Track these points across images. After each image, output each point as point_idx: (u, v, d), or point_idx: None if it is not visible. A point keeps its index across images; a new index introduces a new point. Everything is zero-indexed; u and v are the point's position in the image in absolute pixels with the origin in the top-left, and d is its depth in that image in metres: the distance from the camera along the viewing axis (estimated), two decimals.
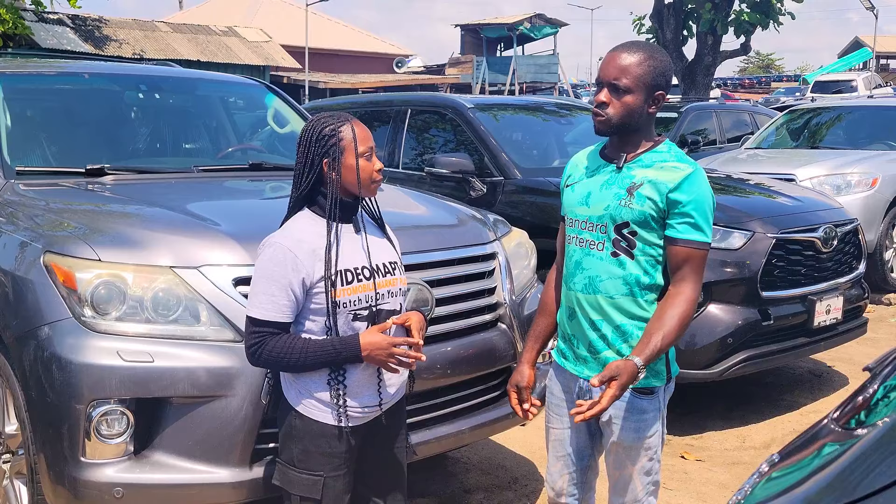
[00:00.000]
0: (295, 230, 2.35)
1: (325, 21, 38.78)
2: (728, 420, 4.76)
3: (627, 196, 2.31)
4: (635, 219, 2.30)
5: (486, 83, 35.43)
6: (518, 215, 5.06)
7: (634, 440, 2.40)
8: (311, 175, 2.36)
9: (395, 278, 2.44)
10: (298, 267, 2.28)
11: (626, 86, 2.29)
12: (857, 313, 5.22)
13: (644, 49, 2.34)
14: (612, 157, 2.41)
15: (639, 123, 2.34)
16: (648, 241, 2.31)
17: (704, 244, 2.30)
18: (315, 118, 2.43)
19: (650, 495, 2.48)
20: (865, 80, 29.51)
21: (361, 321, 2.35)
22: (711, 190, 2.34)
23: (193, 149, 4.66)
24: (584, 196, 2.41)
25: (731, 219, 4.68)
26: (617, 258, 2.33)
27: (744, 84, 46.91)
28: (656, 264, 2.33)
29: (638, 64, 2.30)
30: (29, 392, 2.69)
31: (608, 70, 2.32)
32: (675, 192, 2.27)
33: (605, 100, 2.32)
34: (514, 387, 2.59)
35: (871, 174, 7.73)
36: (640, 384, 2.34)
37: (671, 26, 18.52)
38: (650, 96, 2.32)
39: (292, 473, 2.38)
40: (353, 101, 8.00)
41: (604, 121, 2.34)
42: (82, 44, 22.42)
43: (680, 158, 2.35)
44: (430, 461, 3.65)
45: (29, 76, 4.40)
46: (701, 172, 2.32)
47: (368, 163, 2.38)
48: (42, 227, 3.02)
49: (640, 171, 2.33)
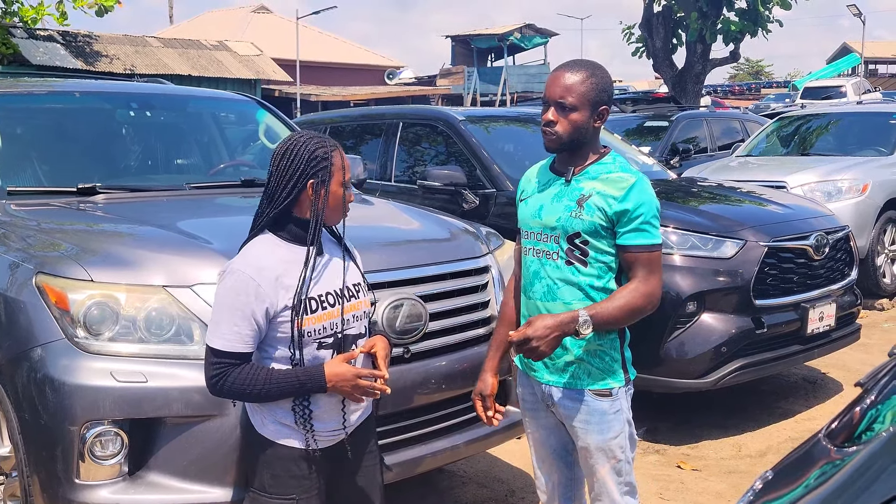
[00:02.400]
0: (257, 256, 2.28)
1: (315, 34, 38.85)
2: (723, 429, 4.76)
3: (577, 208, 2.41)
4: (586, 229, 2.39)
5: (477, 94, 35.50)
6: (510, 227, 5.00)
7: (600, 441, 2.46)
8: (292, 193, 2.29)
9: (359, 301, 2.42)
10: (262, 296, 2.21)
11: (571, 104, 2.40)
12: (850, 320, 5.24)
13: (586, 67, 2.45)
14: (562, 170, 2.51)
15: (585, 138, 2.44)
16: (600, 249, 2.41)
17: (654, 246, 2.40)
18: (303, 136, 2.36)
19: (626, 495, 2.53)
20: (854, 86, 29.65)
21: (327, 349, 2.32)
22: (654, 194, 2.43)
23: (185, 166, 4.65)
24: (536, 209, 2.51)
25: (722, 228, 4.69)
26: (571, 266, 2.42)
27: (734, 91, 47.09)
28: (609, 271, 2.43)
29: (581, 82, 2.40)
30: (22, 414, 2.67)
31: (553, 90, 2.42)
32: (623, 202, 2.37)
33: (553, 118, 2.42)
34: (479, 395, 2.67)
35: (861, 180, 7.76)
36: (598, 385, 2.44)
37: (660, 35, 18.61)
38: (595, 112, 2.42)
39: (264, 499, 2.34)
40: (345, 114, 8.01)
41: (553, 139, 2.44)
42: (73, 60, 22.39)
43: (624, 169, 2.44)
44: (426, 476, 3.64)
45: (19, 96, 4.39)
46: (645, 180, 2.42)
47: (348, 191, 2.40)
48: (34, 247, 3.01)
49: (588, 182, 2.43)
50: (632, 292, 2.37)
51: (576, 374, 2.46)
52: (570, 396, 2.47)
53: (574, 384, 2.46)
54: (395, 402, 2.94)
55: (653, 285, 2.40)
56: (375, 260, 3.03)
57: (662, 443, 4.53)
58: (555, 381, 2.49)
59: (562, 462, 2.64)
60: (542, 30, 38.23)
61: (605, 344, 2.45)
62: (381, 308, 2.91)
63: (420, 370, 3.04)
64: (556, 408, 2.52)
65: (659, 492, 3.96)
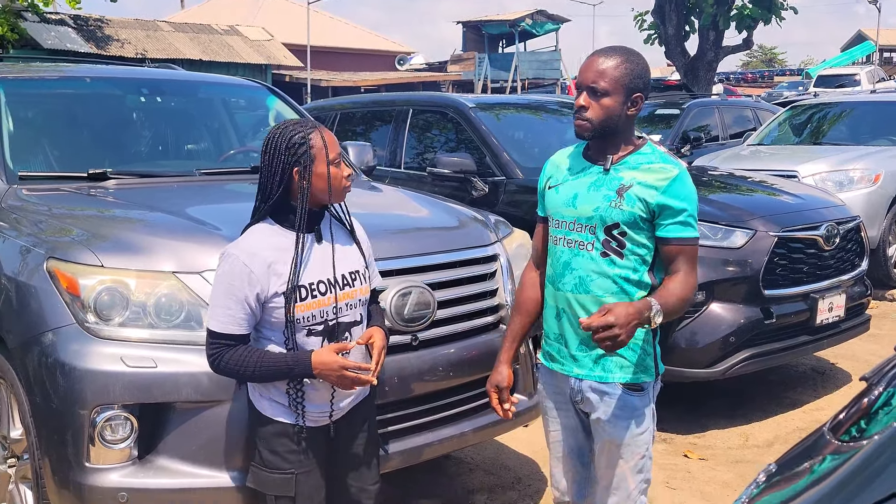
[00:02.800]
0: (251, 242, 2.35)
1: (326, 19, 38.76)
2: (731, 419, 4.76)
3: (617, 198, 2.35)
4: (625, 220, 2.34)
5: (488, 80, 35.39)
6: (520, 215, 5.05)
7: (627, 437, 2.43)
8: (281, 184, 2.34)
9: (354, 290, 2.44)
10: (253, 281, 2.28)
11: (603, 89, 2.34)
12: (859, 310, 5.22)
13: (621, 53, 2.39)
14: (597, 158, 2.44)
15: (618, 126, 2.38)
16: (637, 241, 2.36)
17: (695, 239, 2.38)
18: (281, 126, 2.40)
19: (642, 493, 2.51)
20: (869, 74, 29.41)
21: (316, 336, 2.37)
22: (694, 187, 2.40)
23: (195, 152, 4.66)
24: (570, 198, 2.44)
25: (733, 217, 4.68)
26: (607, 258, 2.37)
27: (746, 79, 46.75)
28: (644, 263, 2.38)
29: (615, 67, 2.34)
30: (33, 397, 2.70)
31: (586, 74, 2.37)
32: (665, 193, 2.32)
33: (585, 103, 2.37)
34: (494, 387, 2.64)
35: (873, 170, 7.71)
36: (630, 380, 2.40)
37: (673, 22, 18.48)
38: (628, 98, 2.36)
39: (264, 474, 2.43)
40: (355, 100, 8.01)
41: (584, 124, 2.38)
42: (84, 44, 22.43)
43: (665, 160, 2.39)
44: (433, 462, 3.66)
45: (31, 81, 4.41)
46: (686, 172, 2.38)
47: (338, 169, 2.39)
48: (45, 232, 3.03)
49: (628, 172, 2.37)
50: (684, 284, 2.33)
51: (608, 368, 2.41)
52: (601, 390, 2.42)
53: (605, 378, 2.41)
54: (403, 389, 2.96)
55: (695, 278, 2.38)
56: (384, 247, 3.03)
57: (669, 432, 4.53)
58: (585, 374, 2.44)
59: (578, 462, 2.61)
60: (554, 16, 38.03)
61: (639, 337, 2.39)
62: (390, 295, 2.92)
63: (428, 358, 3.05)
64: (585, 402, 2.47)
65: (665, 480, 3.97)
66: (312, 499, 2.45)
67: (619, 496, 2.48)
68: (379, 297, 2.83)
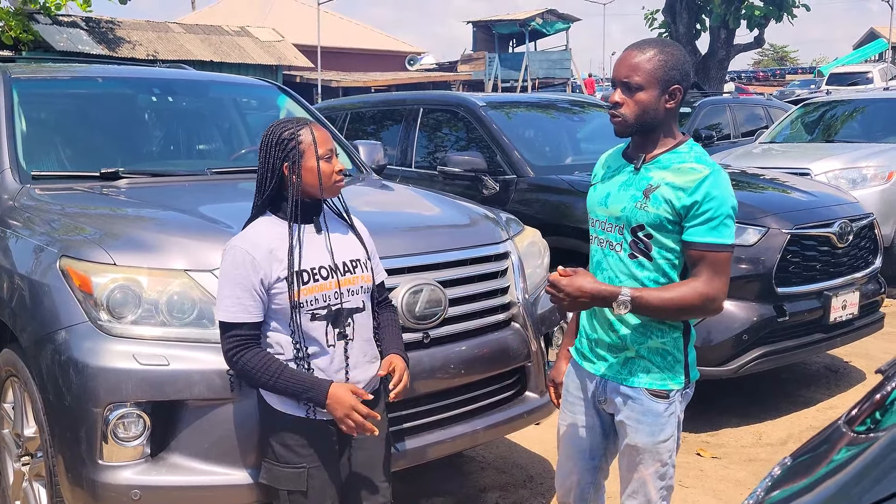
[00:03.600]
0: (253, 233, 2.44)
1: (336, 20, 38.82)
2: (744, 417, 4.74)
3: (643, 199, 2.28)
4: (650, 222, 2.26)
5: (498, 80, 35.35)
6: (531, 213, 5.06)
7: (648, 443, 2.37)
8: (273, 180, 2.44)
9: (356, 276, 2.50)
10: (257, 267, 2.36)
11: (637, 83, 2.26)
12: (873, 308, 5.18)
13: (655, 45, 2.31)
14: (633, 157, 2.38)
15: (656, 120, 2.29)
16: (664, 245, 2.28)
17: (722, 246, 2.23)
18: (274, 124, 2.50)
19: (663, 500, 2.45)
20: (881, 72, 29.23)
21: (320, 321, 2.42)
22: (732, 190, 2.27)
23: (207, 151, 4.68)
24: (603, 197, 2.40)
25: (745, 215, 4.64)
26: (635, 259, 2.31)
27: (758, 77, 46.54)
28: (673, 268, 2.30)
29: (648, 60, 2.26)
30: (47, 395, 2.71)
31: (619, 69, 2.30)
32: (692, 194, 2.21)
33: (619, 100, 2.29)
34: (552, 382, 2.68)
35: (887, 167, 7.67)
36: (657, 385, 2.34)
37: (684, 20, 18.44)
38: (665, 91, 2.27)
39: (277, 469, 2.46)
40: (366, 100, 8.01)
41: (620, 122, 2.31)
42: (96, 46, 22.53)
43: (699, 160, 2.29)
44: (445, 460, 3.66)
45: (43, 81, 4.43)
46: (720, 173, 2.25)
47: (329, 164, 2.45)
48: (58, 231, 3.04)
49: (658, 172, 2.29)
50: (688, 289, 2.22)
51: (633, 371, 2.36)
52: (625, 393, 2.37)
53: (631, 381, 2.36)
54: (415, 387, 2.96)
55: (716, 288, 2.23)
56: (395, 245, 3.04)
57: (683, 430, 4.50)
58: (611, 375, 2.39)
59: (586, 465, 2.56)
60: (564, 15, 37.96)
61: (669, 343, 2.33)
62: (401, 293, 2.92)
63: (439, 355, 3.05)
64: (608, 403, 2.43)
65: (679, 479, 3.94)
66: (325, 493, 2.46)
67: (638, 500, 2.44)
68: (390, 294, 2.83)
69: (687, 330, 2.37)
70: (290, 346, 2.41)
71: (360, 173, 4.44)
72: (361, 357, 2.53)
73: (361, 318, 2.52)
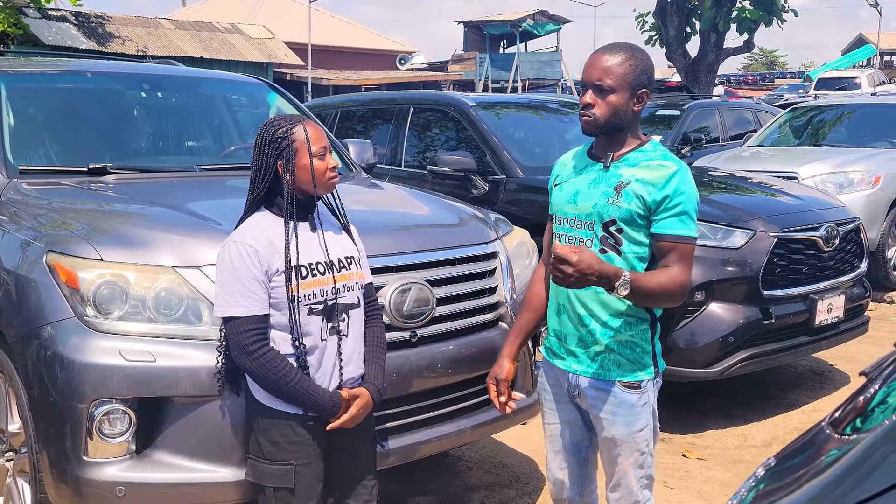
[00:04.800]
0: (251, 228, 2.45)
1: (328, 18, 38.76)
2: (729, 419, 4.76)
3: (615, 194, 2.37)
4: (622, 217, 2.36)
5: (489, 80, 35.38)
6: (520, 213, 5.06)
7: (625, 434, 2.44)
8: (267, 177, 2.45)
9: (350, 272, 2.52)
10: (262, 258, 2.37)
11: (609, 86, 2.35)
12: (858, 312, 5.22)
13: (625, 49, 2.40)
14: (599, 156, 2.47)
15: (624, 122, 2.40)
16: (634, 239, 2.37)
17: (691, 238, 2.36)
18: (268, 121, 2.51)
19: (645, 489, 2.51)
20: (869, 77, 29.45)
21: (316, 315, 2.43)
22: (695, 186, 2.39)
23: (196, 148, 4.66)
24: (572, 195, 2.47)
25: (732, 217, 4.68)
26: (605, 255, 2.38)
27: (747, 81, 46.77)
28: (642, 261, 2.39)
29: (619, 64, 2.35)
30: (32, 391, 2.70)
31: (591, 72, 2.38)
32: (662, 189, 2.32)
33: (591, 101, 2.38)
34: (494, 379, 2.65)
35: (873, 172, 7.72)
36: (628, 377, 2.41)
37: (674, 23, 18.49)
38: (634, 95, 2.37)
39: (263, 466, 2.46)
40: (357, 98, 8.01)
41: (591, 121, 2.39)
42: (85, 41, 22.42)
43: (665, 157, 2.40)
44: (431, 459, 3.66)
45: (32, 75, 4.40)
46: (686, 170, 2.38)
47: (322, 162, 2.46)
48: (45, 226, 3.03)
49: (627, 169, 2.39)
50: (670, 277, 2.32)
51: (605, 365, 2.43)
52: (598, 387, 2.44)
53: (603, 375, 2.43)
54: (402, 385, 2.96)
55: (687, 277, 2.35)
56: (384, 244, 3.04)
57: (668, 431, 4.53)
58: (583, 370, 2.46)
59: (575, 458, 2.62)
60: (555, 17, 38.03)
61: (637, 335, 2.42)
62: (389, 292, 2.92)
63: (426, 354, 3.05)
64: (583, 399, 2.49)
65: (664, 480, 3.97)
66: (311, 491, 2.46)
67: (621, 492, 2.50)
68: (379, 293, 2.83)
69: (653, 322, 2.46)
70: (286, 342, 2.41)
71: (350, 172, 4.43)
72: (355, 354, 2.54)
73: (355, 314, 2.54)
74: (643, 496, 2.51)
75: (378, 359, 2.63)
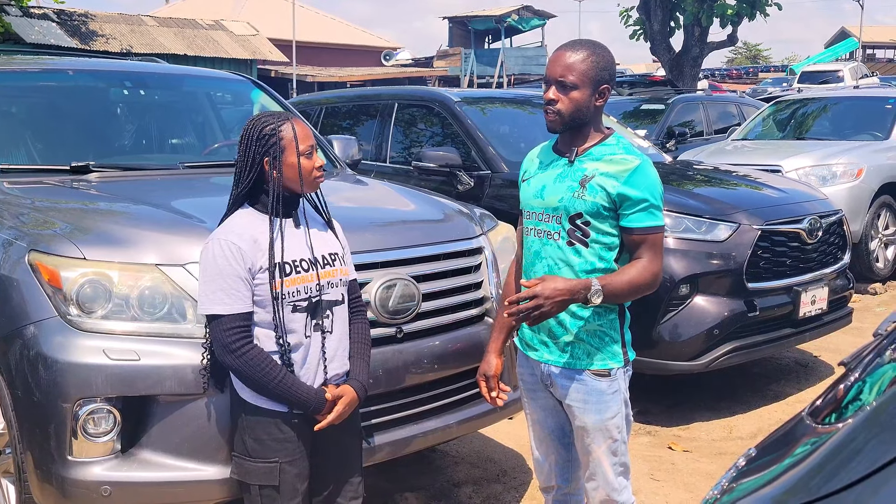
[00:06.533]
0: (235, 225, 2.43)
1: (312, 14, 38.64)
2: (715, 411, 4.79)
3: (580, 188, 2.42)
4: (588, 210, 2.41)
5: (474, 76, 35.39)
6: (505, 209, 5.06)
7: (597, 421, 2.48)
8: (252, 174, 2.44)
9: (335, 269, 2.52)
10: (246, 256, 2.37)
11: (572, 82, 2.41)
12: (842, 303, 5.26)
13: (587, 46, 2.45)
14: (564, 151, 2.52)
15: (587, 117, 2.45)
16: (601, 230, 2.42)
17: (659, 227, 2.43)
18: (256, 117, 2.49)
19: (620, 476, 2.55)
20: (852, 71, 29.60)
21: (300, 312, 2.43)
22: (658, 176, 2.45)
23: (179, 145, 4.64)
24: (538, 189, 2.53)
25: (716, 211, 4.70)
26: (573, 247, 2.44)
27: (731, 75, 46.92)
28: (609, 250, 2.44)
29: (581, 60, 2.41)
30: (15, 391, 2.68)
31: (554, 68, 2.44)
32: (626, 184, 2.38)
33: (554, 97, 2.43)
34: (483, 376, 2.71)
35: (856, 165, 7.77)
36: (597, 366, 2.46)
37: (658, 18, 18.53)
38: (596, 90, 2.43)
39: (248, 464, 2.45)
40: (341, 95, 7.99)
41: (554, 118, 2.44)
42: (68, 39, 22.25)
43: (628, 150, 2.45)
44: (418, 455, 3.67)
45: (13, 73, 4.37)
46: (648, 162, 2.43)
47: (309, 160, 2.46)
48: (27, 225, 3.00)
49: (591, 163, 2.44)
50: (640, 270, 2.39)
51: (575, 355, 2.48)
52: (569, 376, 2.49)
53: (573, 364, 2.48)
54: (388, 381, 2.96)
55: (658, 265, 2.43)
56: (369, 240, 3.03)
57: (654, 424, 4.56)
58: (554, 360, 2.51)
59: (559, 443, 2.66)
60: (540, 12, 38.08)
61: (605, 325, 2.47)
62: (374, 288, 2.92)
63: (412, 350, 3.05)
64: (555, 388, 2.54)
65: (650, 472, 3.99)
66: (296, 488, 2.46)
67: (598, 481, 2.54)
68: (363, 289, 2.83)
69: (622, 312, 2.51)
70: (270, 339, 2.41)
71: (335, 168, 4.42)
72: (340, 350, 2.54)
73: (340, 311, 2.54)
74: (619, 483, 2.54)
75: (363, 355, 2.63)
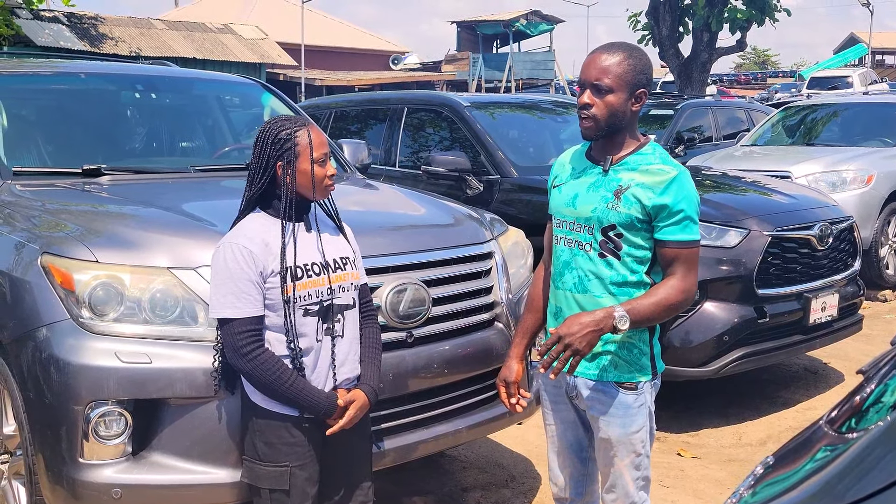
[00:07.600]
0: (246, 229, 2.44)
1: (321, 18, 38.70)
2: (724, 417, 4.77)
3: (614, 199, 2.34)
4: (622, 221, 2.33)
5: (482, 80, 35.37)
6: (514, 213, 5.07)
7: (621, 435, 2.43)
8: (266, 177, 2.44)
9: (346, 273, 2.52)
10: (257, 260, 2.37)
11: (608, 85, 2.32)
12: (852, 310, 5.24)
13: (623, 49, 2.37)
14: (598, 158, 2.43)
15: (623, 122, 2.36)
16: (634, 243, 2.35)
17: (694, 242, 2.34)
18: (273, 121, 2.49)
19: (641, 490, 2.50)
20: (861, 76, 29.53)
21: (311, 316, 2.43)
22: (695, 188, 2.37)
23: (190, 148, 4.66)
24: (571, 198, 2.44)
25: (726, 217, 4.69)
26: (604, 259, 2.37)
27: (740, 80, 46.81)
28: (641, 265, 2.37)
29: (618, 63, 2.32)
30: (27, 393, 2.69)
31: (589, 71, 2.35)
32: (662, 195, 2.30)
33: (589, 101, 2.34)
34: (503, 381, 2.65)
35: (866, 171, 7.74)
36: (626, 378, 2.40)
37: (667, 23, 18.51)
38: (632, 94, 2.34)
39: (259, 468, 2.46)
40: (350, 99, 8.00)
41: (590, 126, 2.36)
42: (78, 42, 22.33)
43: (665, 161, 2.37)
44: (427, 459, 3.66)
45: (25, 76, 4.39)
46: (686, 174, 2.35)
47: (322, 168, 2.46)
48: (39, 228, 3.02)
49: (627, 174, 2.36)
50: (669, 288, 2.31)
51: (602, 366, 2.41)
52: (595, 388, 2.43)
53: (601, 376, 2.42)
54: (398, 386, 2.96)
55: (690, 282, 2.34)
56: (379, 244, 3.04)
57: (663, 430, 4.54)
58: (581, 371, 2.43)
59: (576, 457, 2.61)
60: (548, 16, 38.03)
61: (634, 336, 2.40)
62: (385, 292, 2.92)
63: (423, 355, 3.05)
64: (580, 399, 2.48)
65: (659, 479, 3.97)
66: (306, 492, 2.46)
67: (617, 493, 2.49)
68: (374, 294, 2.83)
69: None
70: (282, 343, 2.41)
71: (345, 172, 4.43)
72: (351, 355, 2.54)
73: (351, 315, 2.54)
74: (639, 497, 2.50)
75: (374, 360, 2.62)
